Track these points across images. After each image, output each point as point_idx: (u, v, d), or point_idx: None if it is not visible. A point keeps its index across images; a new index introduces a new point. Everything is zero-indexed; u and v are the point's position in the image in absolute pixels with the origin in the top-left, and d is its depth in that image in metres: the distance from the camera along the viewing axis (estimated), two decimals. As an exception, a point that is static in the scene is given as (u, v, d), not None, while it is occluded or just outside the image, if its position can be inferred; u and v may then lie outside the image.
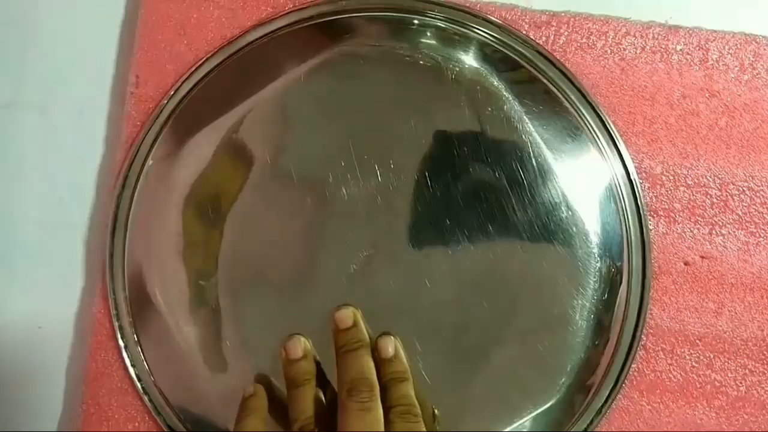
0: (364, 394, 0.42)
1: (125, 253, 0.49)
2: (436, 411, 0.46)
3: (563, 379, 0.46)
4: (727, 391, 0.48)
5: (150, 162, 0.49)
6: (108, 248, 0.49)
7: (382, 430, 0.41)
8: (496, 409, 0.46)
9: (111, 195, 0.49)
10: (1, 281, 0.50)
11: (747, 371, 0.48)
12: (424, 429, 0.42)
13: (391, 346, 0.45)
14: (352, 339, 0.45)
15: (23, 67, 0.51)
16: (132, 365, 0.48)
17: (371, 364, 0.44)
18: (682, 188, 0.48)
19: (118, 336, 0.48)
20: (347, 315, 0.46)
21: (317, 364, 0.46)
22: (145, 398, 0.48)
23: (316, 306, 0.47)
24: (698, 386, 0.48)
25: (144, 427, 0.49)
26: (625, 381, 0.47)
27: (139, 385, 0.48)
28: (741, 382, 0.48)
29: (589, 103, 0.48)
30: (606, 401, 0.47)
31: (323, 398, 0.45)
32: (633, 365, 0.47)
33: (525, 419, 0.46)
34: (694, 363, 0.48)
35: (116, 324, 0.48)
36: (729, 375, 0.48)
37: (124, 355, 0.48)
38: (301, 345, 0.46)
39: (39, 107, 0.51)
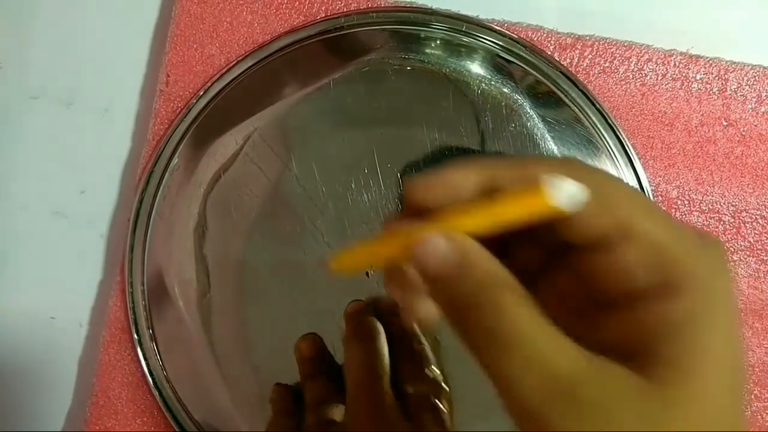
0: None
1: (145, 248, 0.49)
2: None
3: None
4: (733, 415, 0.48)
5: (176, 160, 0.49)
6: (129, 242, 0.49)
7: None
8: (508, 421, 0.47)
9: (134, 190, 0.49)
10: (18, 270, 0.51)
11: (752, 397, 0.48)
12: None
13: None
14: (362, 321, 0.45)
15: (54, 61, 0.52)
16: (145, 359, 0.49)
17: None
18: (696, 213, 0.49)
19: (133, 329, 0.49)
20: (359, 304, 0.46)
21: (332, 362, 0.46)
22: (156, 393, 0.48)
23: (330, 307, 0.47)
24: (704, 409, 0.48)
25: (152, 422, 0.49)
26: (633, 400, 0.48)
27: (150, 379, 0.48)
28: (746, 408, 0.48)
29: (610, 125, 0.48)
30: (614, 420, 0.48)
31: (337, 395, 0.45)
32: (641, 385, 0.48)
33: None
34: (701, 386, 0.48)
35: (131, 317, 0.49)
36: (735, 399, 0.48)
37: (138, 348, 0.49)
38: (316, 343, 0.46)
39: (66, 101, 0.51)
